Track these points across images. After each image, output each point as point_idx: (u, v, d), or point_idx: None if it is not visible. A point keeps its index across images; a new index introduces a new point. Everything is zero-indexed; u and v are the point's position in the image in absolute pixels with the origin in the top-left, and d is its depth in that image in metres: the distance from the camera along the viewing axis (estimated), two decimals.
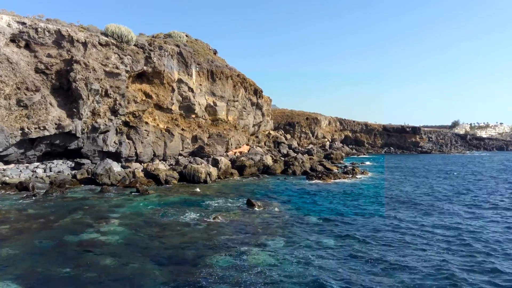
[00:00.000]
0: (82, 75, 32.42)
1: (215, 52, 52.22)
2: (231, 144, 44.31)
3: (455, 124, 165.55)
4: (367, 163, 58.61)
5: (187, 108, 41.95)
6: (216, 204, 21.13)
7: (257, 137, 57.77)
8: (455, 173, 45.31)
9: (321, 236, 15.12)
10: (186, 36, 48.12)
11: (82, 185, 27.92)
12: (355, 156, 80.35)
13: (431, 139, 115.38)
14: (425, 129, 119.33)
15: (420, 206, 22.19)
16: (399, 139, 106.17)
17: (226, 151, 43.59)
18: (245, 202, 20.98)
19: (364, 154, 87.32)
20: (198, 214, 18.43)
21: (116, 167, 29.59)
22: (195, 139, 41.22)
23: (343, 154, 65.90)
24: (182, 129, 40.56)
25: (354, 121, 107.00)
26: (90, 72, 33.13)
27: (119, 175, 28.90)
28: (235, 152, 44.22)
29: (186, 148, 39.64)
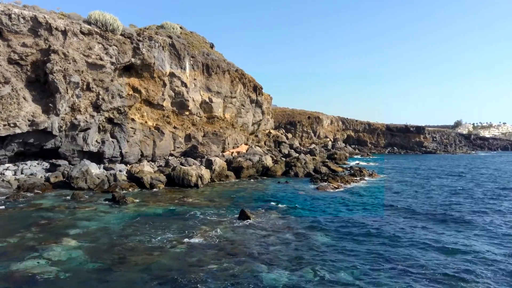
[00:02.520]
0: (60, 66, 28.60)
1: (211, 46, 48.32)
2: (228, 144, 40.43)
3: (457, 124, 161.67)
4: (372, 163, 54.65)
5: (180, 105, 38.07)
6: (203, 216, 17.24)
7: (256, 136, 53.86)
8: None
9: (335, 266, 11.22)
10: (181, 28, 44.26)
11: (55, 189, 24.10)
12: (359, 157, 76.36)
13: (435, 139, 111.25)
14: (429, 128, 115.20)
15: (461, 220, 18.23)
16: (403, 139, 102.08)
17: (223, 151, 39.72)
18: (238, 213, 17.09)
19: (367, 154, 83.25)
20: (178, 232, 14.54)
21: (95, 169, 25.75)
22: (188, 138, 37.37)
23: (347, 155, 61.93)
24: (174, 127, 36.70)
25: (356, 121, 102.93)
26: (69, 63, 29.31)
27: (98, 178, 25.05)
28: (232, 152, 40.34)
29: (178, 147, 35.77)
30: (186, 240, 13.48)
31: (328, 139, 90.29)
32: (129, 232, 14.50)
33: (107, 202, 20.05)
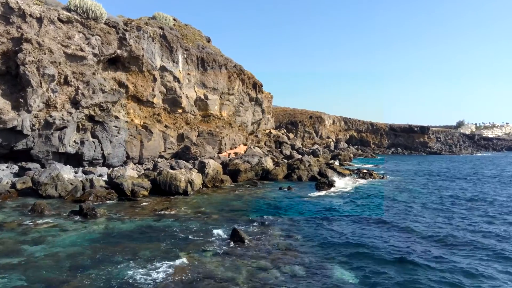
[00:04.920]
0: (33, 57, 24.91)
1: (208, 40, 44.55)
2: (225, 144, 36.63)
3: (460, 124, 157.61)
4: (379, 165, 50.66)
5: (172, 102, 34.31)
6: (186, 236, 13.42)
7: (256, 136, 50.04)
8: None
9: None
10: (174, 20, 40.50)
11: (21, 197, 20.35)
12: (363, 157, 72.45)
13: (439, 139, 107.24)
14: (433, 129, 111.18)
15: None
16: (407, 139, 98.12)
17: (219, 152, 35.93)
18: (230, 232, 13.27)
19: (371, 155, 79.34)
20: (148, 261, 10.73)
21: (68, 173, 21.97)
22: (181, 137, 33.59)
23: (351, 155, 58.09)
24: (166, 126, 32.91)
25: (359, 120, 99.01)
26: (44, 54, 25.61)
27: (71, 184, 21.26)
28: (229, 154, 36.54)
29: (169, 148, 31.97)
30: (154, 275, 9.68)
31: (330, 140, 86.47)
32: (83, 261, 10.71)
33: (72, 215, 16.24)
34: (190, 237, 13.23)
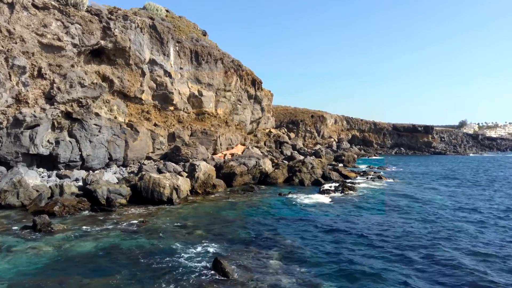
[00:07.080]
0: (2, 46, 21.79)
1: (204, 34, 41.29)
2: (220, 144, 33.36)
3: (462, 124, 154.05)
4: (385, 166, 47.29)
5: (163, 98, 31.08)
6: (155, 263, 10.20)
7: (255, 135, 46.77)
8: None
9: None
10: (167, 11, 37.29)
11: None
12: (366, 158, 69.07)
13: (443, 139, 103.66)
14: (436, 128, 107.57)
15: None
16: (410, 139, 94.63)
17: (214, 153, 32.69)
18: (212, 259, 10.03)
19: (374, 155, 76.00)
20: None
21: (35, 178, 18.77)
22: (172, 137, 30.36)
23: (355, 156, 54.74)
24: (155, 125, 29.71)
25: (361, 120, 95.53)
26: (15, 43, 22.47)
27: (37, 191, 18.05)
28: (225, 155, 33.29)
29: (158, 149, 28.75)
30: None
31: (332, 139, 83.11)
32: None
33: (24, 231, 13.05)
34: (157, 265, 9.99)
